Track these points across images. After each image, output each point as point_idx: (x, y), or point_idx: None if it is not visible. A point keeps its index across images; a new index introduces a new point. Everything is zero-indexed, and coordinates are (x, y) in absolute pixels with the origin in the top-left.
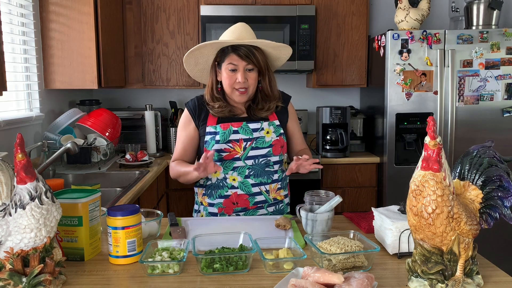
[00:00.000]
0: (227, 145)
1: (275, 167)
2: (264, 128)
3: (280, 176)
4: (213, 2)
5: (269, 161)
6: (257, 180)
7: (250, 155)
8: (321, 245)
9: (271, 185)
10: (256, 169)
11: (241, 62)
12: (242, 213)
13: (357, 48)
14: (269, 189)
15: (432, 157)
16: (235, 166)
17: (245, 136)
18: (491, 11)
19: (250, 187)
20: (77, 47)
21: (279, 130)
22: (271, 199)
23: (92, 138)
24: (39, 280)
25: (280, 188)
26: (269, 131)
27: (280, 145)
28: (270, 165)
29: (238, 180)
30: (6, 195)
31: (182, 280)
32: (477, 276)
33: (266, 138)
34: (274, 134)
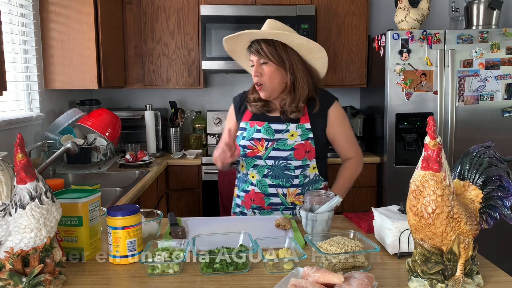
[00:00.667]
0: (250, 142)
1: (297, 171)
2: (290, 130)
3: (301, 181)
4: (213, 2)
5: (290, 164)
6: (274, 181)
7: (271, 155)
8: (321, 245)
9: (289, 189)
10: (275, 170)
11: (254, 57)
12: (257, 211)
13: (357, 48)
14: (286, 192)
15: (432, 157)
16: (255, 164)
17: (266, 136)
18: (491, 11)
19: (267, 187)
20: (77, 47)
21: (307, 134)
22: (288, 202)
23: (92, 138)
24: (39, 280)
25: (300, 194)
26: (295, 134)
27: (305, 150)
28: (290, 169)
29: (256, 178)
30: (6, 195)
31: (182, 280)
32: (477, 276)
33: (288, 141)
34: (299, 138)
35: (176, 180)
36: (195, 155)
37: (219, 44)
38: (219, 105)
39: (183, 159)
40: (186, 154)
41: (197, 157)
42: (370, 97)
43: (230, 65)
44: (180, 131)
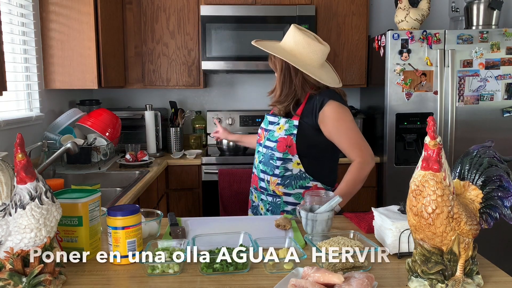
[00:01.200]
0: (259, 130)
1: (278, 162)
2: (279, 124)
3: (281, 173)
4: (213, 2)
5: (273, 155)
6: (264, 168)
7: (266, 144)
8: (321, 245)
9: (271, 177)
10: (265, 157)
11: None
12: (255, 191)
13: (357, 48)
14: (270, 180)
15: (432, 157)
16: (258, 150)
17: (264, 126)
18: (491, 11)
19: (260, 171)
20: (77, 47)
21: (291, 130)
22: (270, 190)
23: (92, 138)
24: (39, 280)
25: (279, 184)
26: (282, 127)
27: (286, 144)
28: (273, 159)
29: (257, 161)
30: (6, 195)
31: (182, 280)
32: (477, 276)
33: (275, 133)
34: (284, 132)
35: (176, 180)
36: (195, 155)
37: (219, 44)
38: (219, 105)
39: (183, 159)
40: (186, 154)
41: (197, 157)
42: (370, 97)
43: (230, 65)
44: (180, 131)
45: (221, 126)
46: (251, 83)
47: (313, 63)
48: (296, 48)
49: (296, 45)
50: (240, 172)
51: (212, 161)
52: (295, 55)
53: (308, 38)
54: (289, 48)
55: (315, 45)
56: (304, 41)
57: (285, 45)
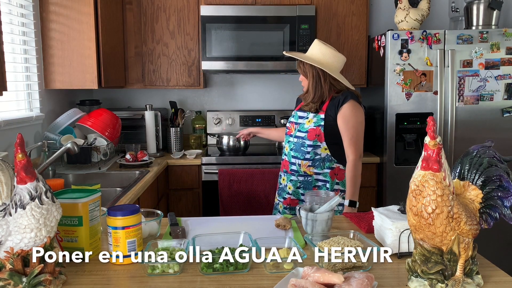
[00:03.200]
0: (289, 124)
1: (309, 148)
2: (308, 118)
3: (311, 157)
4: (213, 2)
5: (304, 143)
6: (295, 154)
7: (296, 135)
8: (321, 245)
9: (303, 161)
10: (296, 145)
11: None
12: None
13: (357, 48)
14: (301, 163)
15: (432, 157)
16: (289, 140)
17: (294, 120)
18: (491, 11)
19: (291, 157)
20: (77, 47)
21: (319, 122)
22: (301, 171)
23: (92, 138)
24: (39, 280)
25: (310, 166)
26: (311, 120)
27: (315, 133)
28: (304, 146)
29: (288, 150)
30: (6, 195)
31: (182, 280)
32: (477, 276)
33: (305, 125)
34: (313, 124)
35: (176, 180)
36: (195, 155)
37: (219, 44)
38: (219, 105)
39: (183, 159)
40: (186, 154)
41: (197, 157)
42: (370, 97)
43: (230, 65)
44: (180, 131)
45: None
46: (251, 83)
47: (337, 70)
48: (324, 58)
49: (323, 55)
50: (240, 172)
51: (212, 161)
52: (324, 64)
53: (332, 49)
54: (318, 58)
55: (338, 55)
56: (329, 53)
57: (314, 56)
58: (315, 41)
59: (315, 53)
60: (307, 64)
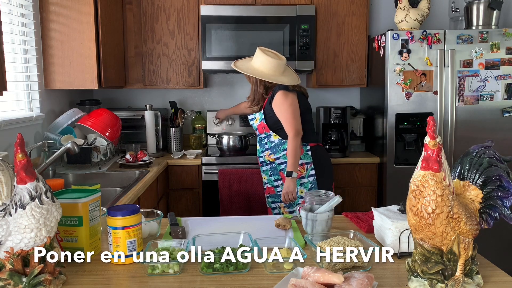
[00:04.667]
0: None
1: (264, 140)
2: (256, 117)
3: (269, 145)
4: (213, 2)
5: (260, 137)
6: (259, 148)
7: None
8: (321, 245)
9: (265, 152)
10: (258, 142)
11: None
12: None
13: (357, 48)
14: (264, 154)
15: (432, 157)
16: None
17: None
18: (491, 11)
19: (259, 152)
20: (77, 47)
21: (261, 117)
22: (266, 160)
23: (92, 138)
24: (39, 280)
25: (270, 154)
26: (258, 119)
27: (262, 127)
28: (261, 140)
29: (257, 148)
30: (6, 195)
31: (182, 280)
32: (477, 276)
33: (254, 123)
34: (258, 121)
35: (176, 180)
36: (195, 155)
37: (219, 44)
38: (219, 105)
39: (183, 159)
40: (186, 154)
41: (197, 157)
42: (370, 97)
43: (230, 65)
44: (180, 131)
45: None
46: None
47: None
48: (261, 65)
49: (261, 63)
50: (240, 172)
51: (212, 161)
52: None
53: (269, 57)
54: (256, 67)
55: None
56: (266, 60)
57: (254, 65)
58: (257, 50)
59: (255, 62)
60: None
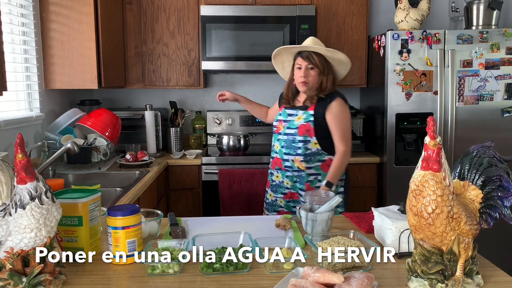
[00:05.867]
0: (276, 123)
1: (300, 144)
2: (298, 115)
3: (303, 152)
4: (213, 2)
5: (295, 139)
6: (286, 150)
7: (286, 132)
8: (321, 245)
9: (295, 157)
10: (287, 143)
11: (304, 62)
12: (279, 171)
13: (357, 48)
14: (294, 159)
15: (432, 157)
16: (278, 138)
17: (283, 118)
18: (491, 11)
19: (283, 154)
20: (77, 47)
21: (309, 118)
22: (295, 166)
23: (92, 138)
24: (39, 280)
25: (302, 161)
26: (301, 117)
27: (306, 129)
28: (295, 142)
29: (278, 148)
30: (6, 195)
31: (182, 280)
32: (477, 276)
33: (295, 122)
34: (303, 120)
35: (176, 180)
36: (195, 155)
37: (219, 44)
38: (219, 105)
39: (183, 159)
40: (186, 154)
41: (197, 157)
42: (370, 97)
43: (230, 65)
44: (180, 131)
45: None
46: (251, 83)
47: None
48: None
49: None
50: (240, 172)
51: (212, 161)
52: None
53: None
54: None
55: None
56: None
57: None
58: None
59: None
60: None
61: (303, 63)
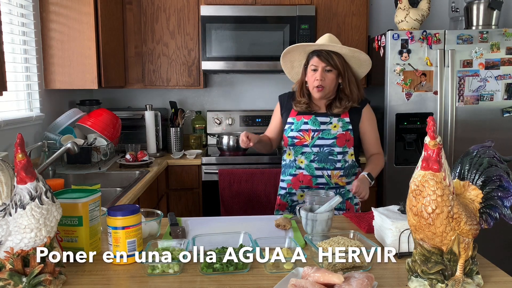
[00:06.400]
0: (299, 133)
1: (339, 156)
2: (333, 123)
3: (342, 165)
4: (213, 2)
5: (333, 150)
6: (320, 165)
7: (316, 143)
8: (321, 245)
9: (333, 171)
10: (320, 155)
11: (321, 63)
12: (306, 190)
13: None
14: (331, 174)
15: (432, 157)
16: (303, 151)
17: (313, 127)
18: (491, 11)
19: (314, 170)
20: (77, 47)
21: (347, 126)
22: (332, 183)
23: (92, 138)
24: (39, 280)
25: (342, 176)
26: (337, 125)
27: (345, 139)
28: (333, 154)
29: (305, 163)
30: (6, 195)
31: (182, 280)
32: (477, 276)
33: (332, 131)
34: (341, 129)
35: (176, 180)
36: (195, 155)
37: (219, 44)
38: (219, 105)
39: (183, 159)
40: (186, 154)
41: (197, 157)
42: (370, 97)
43: (230, 65)
44: (180, 131)
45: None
46: (251, 83)
47: None
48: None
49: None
50: (240, 172)
51: (212, 161)
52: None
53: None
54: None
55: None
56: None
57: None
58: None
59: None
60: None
61: (319, 64)
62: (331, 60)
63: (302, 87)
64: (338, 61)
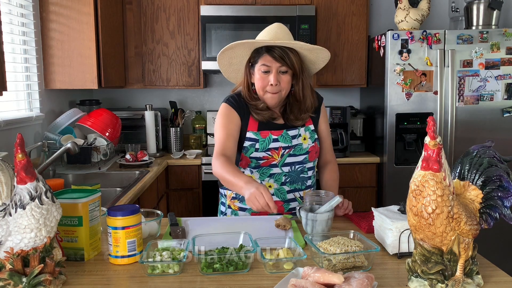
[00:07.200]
0: (266, 153)
1: (309, 173)
2: (301, 135)
3: (312, 182)
4: (213, 2)
5: (304, 167)
6: (291, 186)
7: (287, 161)
8: (321, 245)
9: (304, 191)
10: (292, 175)
11: (275, 63)
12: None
13: (357, 48)
14: (303, 195)
15: (432, 157)
16: (271, 173)
17: (285, 144)
18: (491, 11)
19: (286, 194)
20: (77, 47)
21: (314, 136)
22: None
23: (92, 138)
24: (39, 280)
25: None
26: (306, 137)
27: (315, 151)
28: (304, 171)
29: (274, 187)
30: (6, 195)
31: (182, 280)
32: (477, 276)
33: (303, 145)
34: (310, 141)
35: (176, 180)
36: (195, 155)
37: (219, 44)
38: (219, 105)
39: (183, 159)
40: (186, 154)
41: (197, 157)
42: (370, 97)
43: None
44: (180, 131)
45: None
46: None
47: None
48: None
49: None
50: None
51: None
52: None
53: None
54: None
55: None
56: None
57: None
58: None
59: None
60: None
61: (273, 64)
62: (287, 58)
63: (249, 90)
64: (294, 59)
